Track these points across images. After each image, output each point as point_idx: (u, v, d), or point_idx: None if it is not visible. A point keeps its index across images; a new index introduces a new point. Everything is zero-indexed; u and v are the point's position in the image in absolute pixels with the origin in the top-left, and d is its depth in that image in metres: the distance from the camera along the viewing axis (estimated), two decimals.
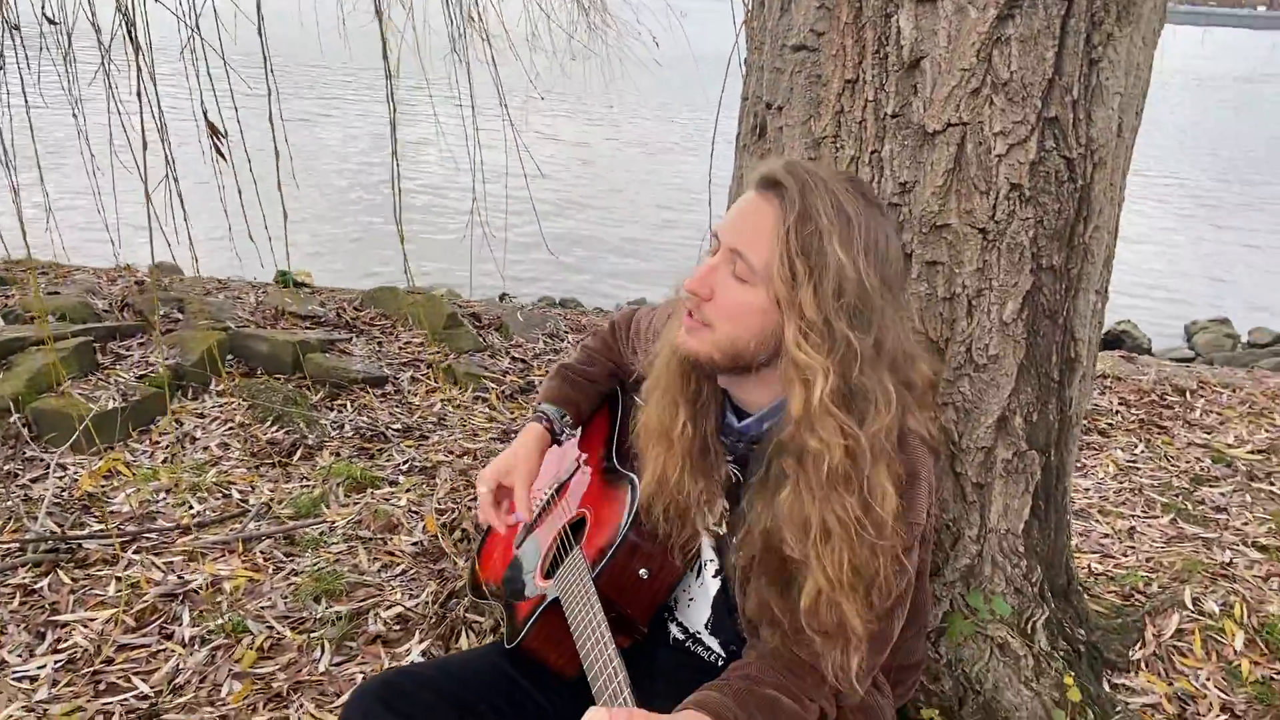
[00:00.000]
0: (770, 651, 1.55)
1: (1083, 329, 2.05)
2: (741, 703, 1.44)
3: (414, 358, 4.56)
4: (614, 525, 1.78)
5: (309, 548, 2.93)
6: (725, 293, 1.46)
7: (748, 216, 1.45)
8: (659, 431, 1.64)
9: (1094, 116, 1.86)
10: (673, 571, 1.74)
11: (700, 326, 1.50)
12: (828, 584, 1.44)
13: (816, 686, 1.52)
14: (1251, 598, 2.98)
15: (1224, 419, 4.64)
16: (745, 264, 1.43)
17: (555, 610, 1.75)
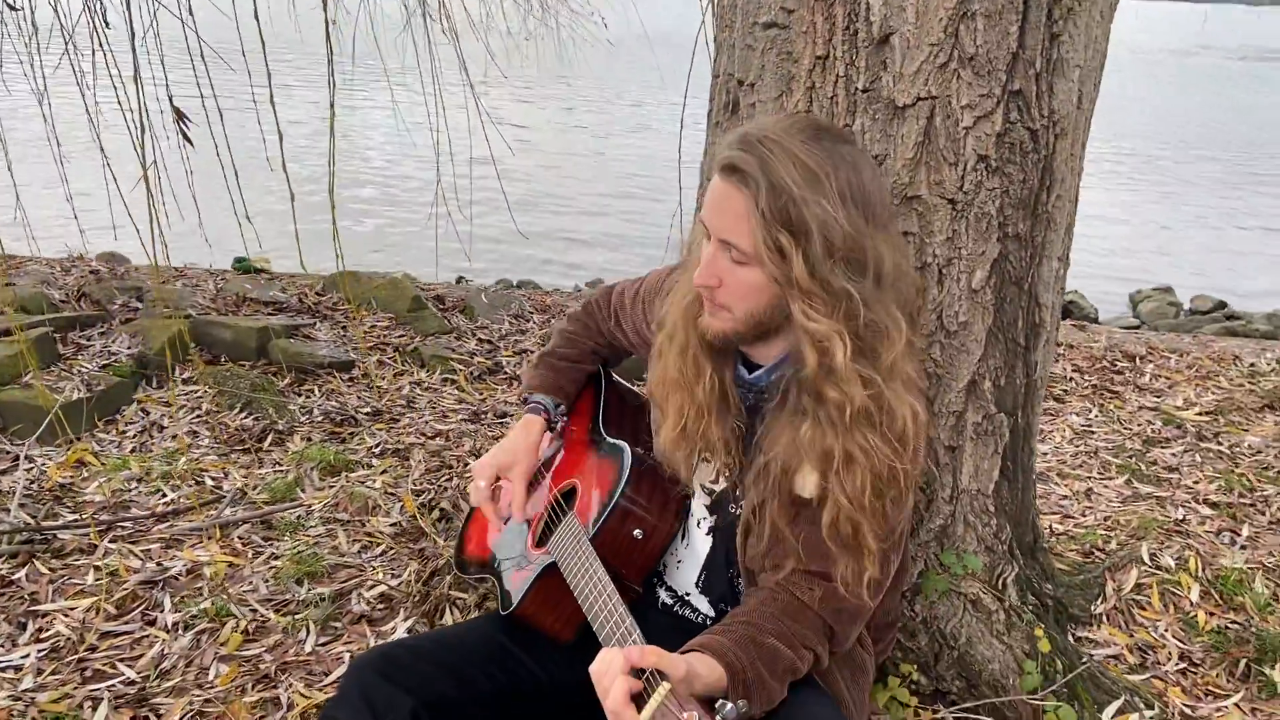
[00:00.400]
0: (771, 593, 1.61)
1: (1046, 295, 2.12)
2: (744, 647, 1.50)
3: (380, 341, 4.56)
4: (607, 490, 1.84)
5: (287, 531, 2.94)
6: (731, 277, 1.53)
7: (723, 205, 1.50)
8: (680, 383, 1.70)
9: (1055, 89, 1.93)
10: (665, 532, 1.80)
11: (720, 309, 1.57)
12: (848, 504, 1.53)
13: (815, 630, 1.59)
14: (1205, 552, 3.10)
15: (1172, 383, 4.79)
16: (737, 250, 1.49)
17: (551, 574, 1.81)
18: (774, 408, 1.62)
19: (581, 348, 2.14)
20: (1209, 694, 2.51)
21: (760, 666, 1.49)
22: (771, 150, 1.46)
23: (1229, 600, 2.88)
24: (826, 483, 1.54)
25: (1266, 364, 5.06)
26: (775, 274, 1.48)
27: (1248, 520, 3.38)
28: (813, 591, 1.59)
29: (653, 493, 1.82)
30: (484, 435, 3.66)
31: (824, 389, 1.51)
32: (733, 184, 1.47)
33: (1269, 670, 2.57)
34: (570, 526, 1.83)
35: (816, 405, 1.53)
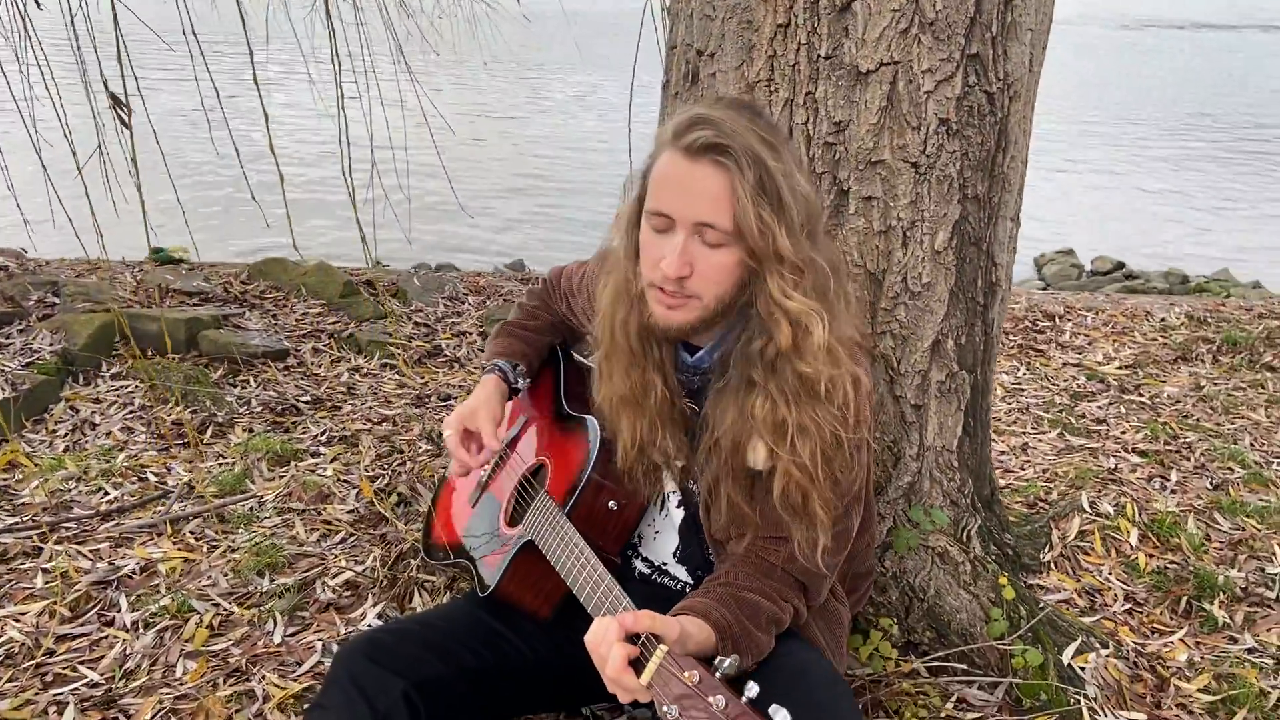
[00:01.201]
0: (742, 558, 1.65)
1: (1001, 254, 2.19)
2: (726, 605, 1.54)
3: (313, 328, 4.47)
4: (578, 465, 1.85)
5: (241, 524, 2.88)
6: (704, 262, 1.51)
7: (695, 187, 1.47)
8: (630, 400, 1.70)
9: (1009, 52, 1.99)
10: (639, 503, 1.83)
11: (686, 300, 1.55)
12: (798, 473, 1.56)
13: (789, 586, 1.64)
14: (1139, 498, 3.24)
15: (1091, 340, 4.98)
16: (716, 232, 1.47)
17: (528, 552, 1.82)
18: (718, 385, 1.64)
19: (541, 320, 2.15)
20: (1155, 631, 2.64)
21: (745, 620, 1.53)
22: (732, 124, 1.47)
23: (1166, 542, 3.02)
24: (777, 453, 1.57)
25: (1175, 318, 5.29)
26: (756, 249, 1.47)
27: (1175, 466, 3.54)
28: (778, 553, 1.64)
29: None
30: (431, 419, 3.63)
31: (795, 365, 1.52)
32: (708, 163, 1.45)
33: (1209, 606, 2.70)
34: (543, 503, 1.84)
35: (769, 377, 1.55)
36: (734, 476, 1.63)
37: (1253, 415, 4.06)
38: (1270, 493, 3.39)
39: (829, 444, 1.56)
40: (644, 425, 1.68)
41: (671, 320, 1.57)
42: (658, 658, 1.35)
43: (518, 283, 5.44)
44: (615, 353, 1.67)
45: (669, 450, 1.71)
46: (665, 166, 1.51)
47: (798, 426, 1.55)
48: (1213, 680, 2.40)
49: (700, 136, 1.46)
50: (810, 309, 1.51)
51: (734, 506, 1.65)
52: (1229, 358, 4.75)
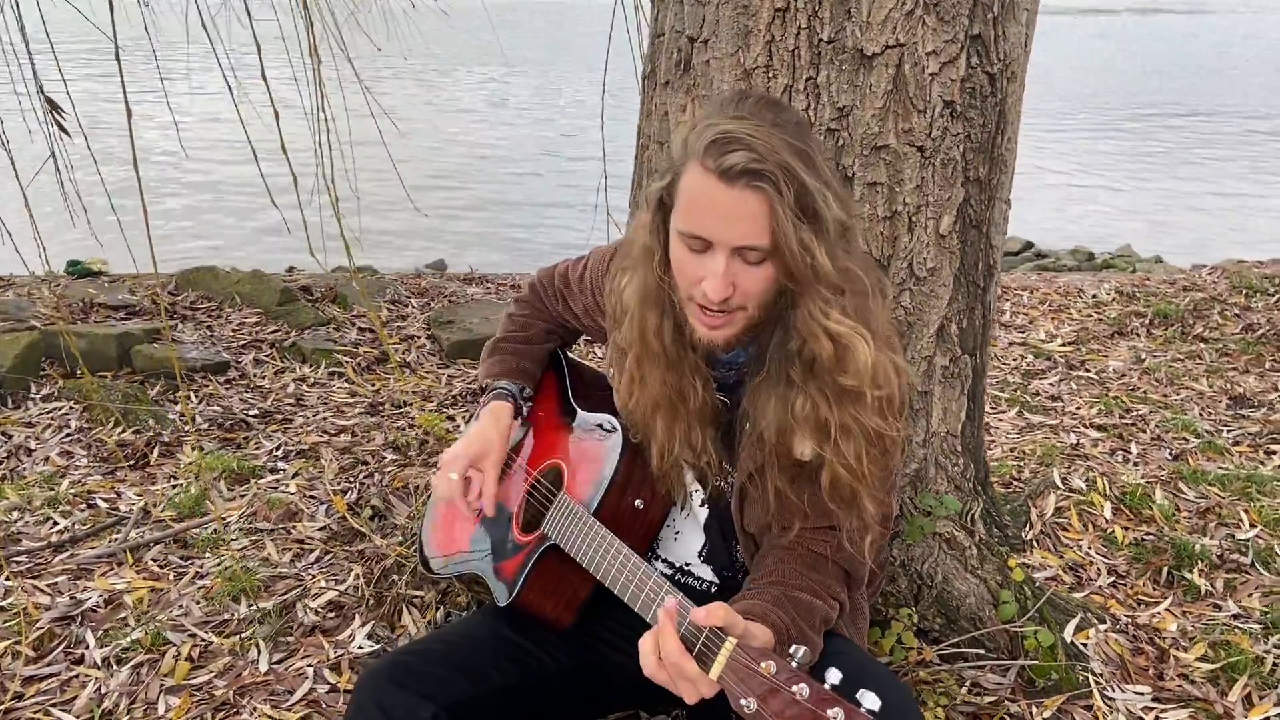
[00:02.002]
0: (788, 551, 1.61)
1: (997, 236, 2.19)
2: (782, 606, 1.51)
3: (252, 339, 4.29)
4: (599, 464, 1.79)
5: (206, 548, 2.73)
6: (746, 279, 1.46)
7: (737, 212, 1.41)
8: (667, 404, 1.64)
9: (1008, 33, 1.98)
10: (664, 500, 1.78)
11: (730, 316, 1.50)
12: (846, 473, 1.53)
13: (836, 579, 1.61)
14: (1106, 472, 3.30)
15: (1031, 318, 5.08)
16: (757, 252, 1.42)
17: (551, 557, 1.76)
18: (756, 380, 1.59)
19: (534, 329, 2.07)
20: (1140, 603, 2.68)
21: (800, 622, 1.50)
22: (764, 140, 1.39)
23: (1138, 514, 3.08)
24: (823, 449, 1.54)
25: (1106, 294, 5.43)
26: (797, 272, 1.42)
27: (1133, 439, 3.62)
28: (827, 543, 1.61)
29: (647, 463, 1.78)
30: (392, 427, 3.51)
31: (838, 378, 1.49)
32: (745, 188, 1.38)
33: (1189, 574, 2.76)
34: (565, 506, 1.77)
35: (808, 379, 1.51)
36: (779, 466, 1.59)
37: (1195, 386, 4.18)
38: (1227, 460, 3.49)
39: (873, 441, 1.53)
40: (681, 428, 1.63)
41: (716, 338, 1.53)
42: (728, 649, 1.30)
43: (460, 284, 5.32)
44: (649, 357, 1.61)
45: (706, 450, 1.66)
46: (698, 188, 1.43)
47: (840, 427, 1.51)
48: (1208, 649, 2.45)
49: (735, 162, 1.38)
50: (853, 330, 1.47)
51: (781, 497, 1.60)
52: (1162, 330, 4.89)
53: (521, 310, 2.09)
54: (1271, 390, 4.13)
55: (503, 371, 2.00)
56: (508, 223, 9.39)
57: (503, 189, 10.65)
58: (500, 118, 14.61)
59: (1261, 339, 4.73)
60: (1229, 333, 4.83)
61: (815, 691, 1.21)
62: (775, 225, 1.39)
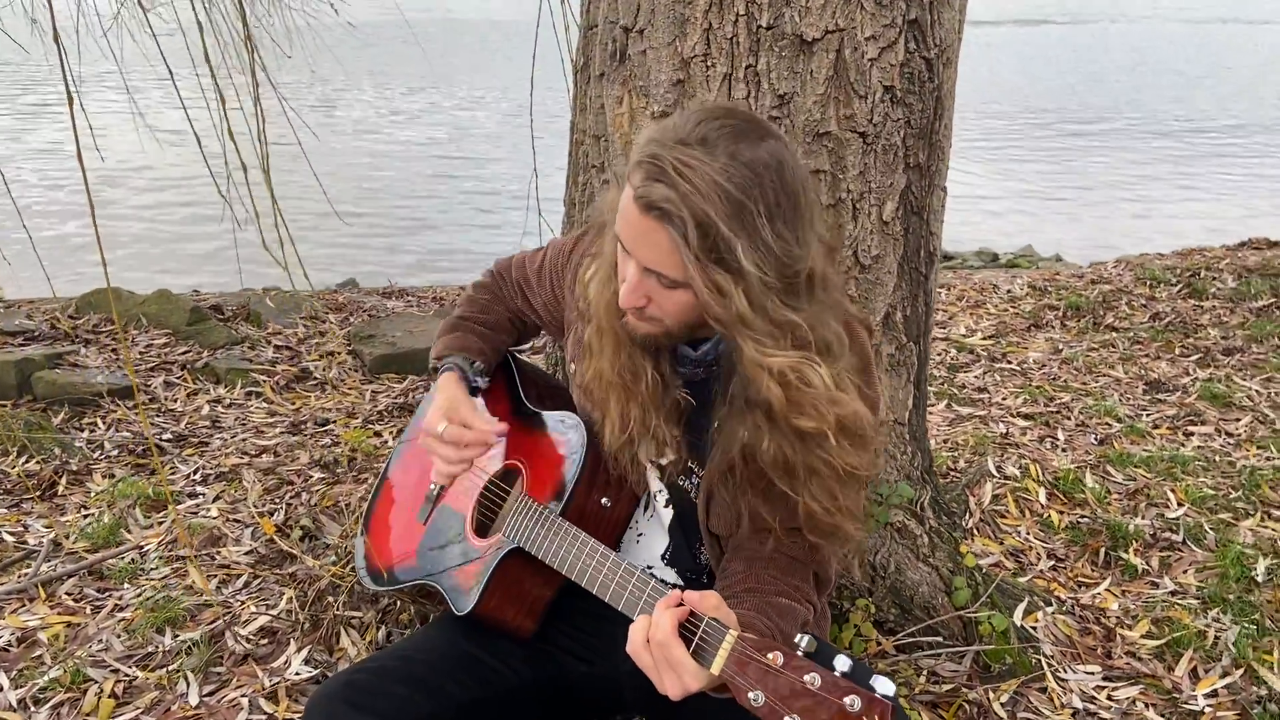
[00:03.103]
0: (757, 555, 1.56)
1: (936, 223, 2.19)
2: (762, 612, 1.46)
3: (162, 360, 4.10)
4: (562, 462, 1.72)
5: (125, 579, 2.57)
6: (661, 298, 1.41)
7: (646, 238, 1.35)
8: (618, 383, 1.58)
9: (942, 19, 1.98)
10: (631, 497, 1.72)
11: (649, 320, 1.46)
12: (821, 509, 1.47)
13: (807, 582, 1.57)
14: (1037, 458, 3.35)
15: (951, 314, 5.16)
16: (665, 277, 1.37)
17: (513, 560, 1.69)
18: (722, 407, 1.52)
19: (496, 315, 1.95)
20: (1081, 584, 2.71)
21: (783, 627, 1.45)
22: (689, 180, 1.30)
23: (1072, 498, 3.13)
24: (794, 490, 1.48)
25: (1020, 289, 5.55)
26: (717, 316, 1.34)
27: (1059, 426, 3.69)
28: (799, 546, 1.56)
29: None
30: (318, 445, 3.37)
31: (794, 421, 1.40)
32: (653, 220, 1.32)
33: (1125, 554, 2.81)
34: (526, 507, 1.70)
35: (769, 424, 1.43)
36: (752, 486, 1.54)
37: (1112, 373, 4.28)
38: (1149, 442, 3.57)
39: (844, 479, 1.46)
40: (634, 409, 1.56)
41: (638, 330, 1.48)
42: (730, 641, 1.24)
43: (379, 298, 5.18)
44: (604, 333, 1.55)
45: (661, 437, 1.59)
46: (625, 199, 1.37)
47: (807, 469, 1.45)
48: (1152, 625, 2.48)
49: (646, 194, 1.31)
50: (800, 361, 1.37)
51: (751, 502, 1.55)
52: (1075, 322, 5.01)
53: (482, 294, 1.98)
54: (1184, 375, 4.26)
55: (459, 347, 1.88)
56: (425, 238, 9.23)
57: (414, 204, 10.47)
58: (405, 135, 14.39)
59: (1169, 326, 4.89)
60: (1138, 322, 4.98)
61: (827, 679, 1.16)
62: (684, 266, 1.32)
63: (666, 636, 1.26)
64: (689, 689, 1.27)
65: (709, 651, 1.25)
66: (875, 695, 1.12)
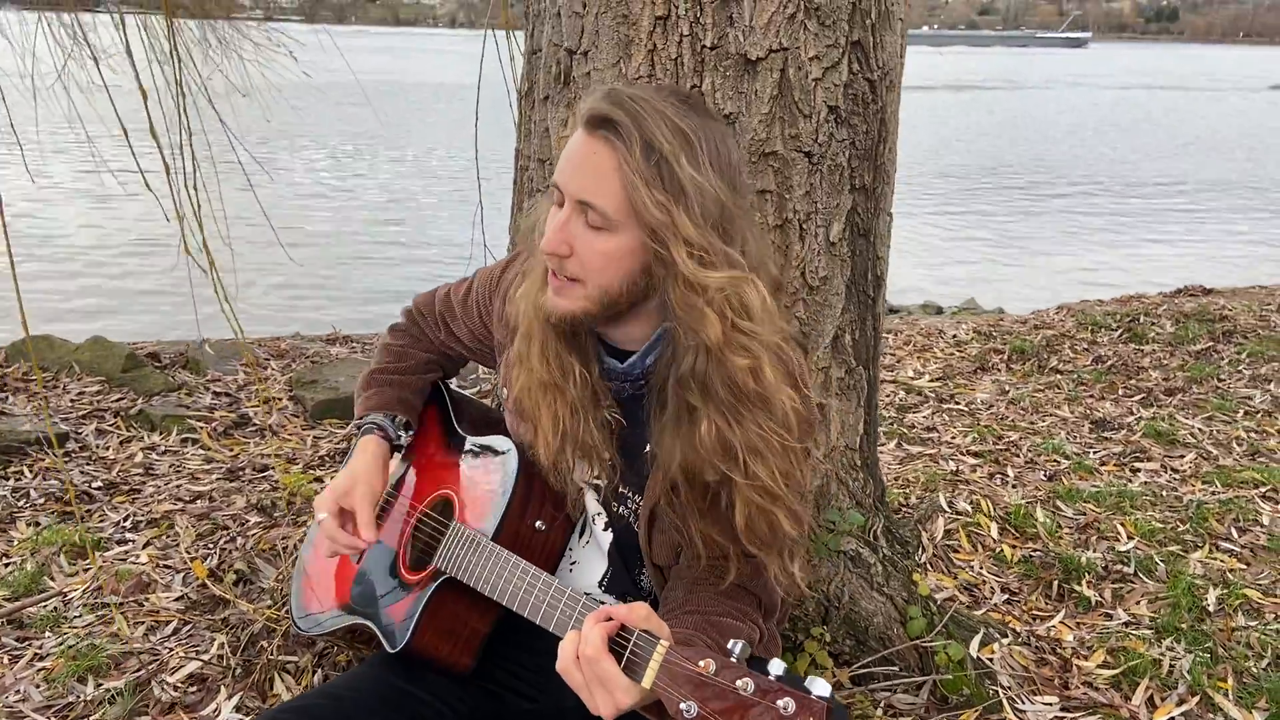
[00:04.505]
0: (699, 581, 1.52)
1: (883, 247, 2.18)
2: (703, 629, 1.43)
3: (94, 408, 3.96)
4: (496, 487, 1.67)
5: (46, 626, 2.44)
6: (585, 246, 1.38)
7: (586, 161, 1.36)
8: (549, 384, 1.53)
9: (885, 42, 1.99)
10: (565, 521, 1.68)
11: (568, 284, 1.42)
12: (760, 497, 1.43)
13: (751, 606, 1.54)
14: (988, 494, 3.34)
15: (899, 358, 5.18)
16: (597, 213, 1.35)
17: (446, 592, 1.64)
18: (657, 415, 1.49)
19: (414, 359, 1.91)
20: (1036, 617, 2.68)
21: (724, 644, 1.40)
22: (643, 108, 1.35)
23: (1023, 532, 3.11)
24: (734, 475, 1.45)
25: (965, 334, 5.60)
26: (656, 227, 1.33)
27: (1009, 463, 3.69)
28: (743, 570, 1.52)
29: (545, 485, 1.67)
30: (255, 491, 3.26)
31: (731, 359, 1.37)
32: (600, 138, 1.34)
33: (1078, 587, 2.79)
34: (459, 536, 1.64)
35: (706, 399, 1.40)
36: (691, 496, 1.49)
37: (1059, 413, 4.31)
38: (1097, 479, 3.58)
39: (781, 455, 1.42)
40: (565, 413, 1.51)
41: (558, 305, 1.43)
42: (659, 653, 1.19)
43: (323, 344, 5.09)
44: (532, 333, 1.51)
45: (593, 443, 1.54)
46: (570, 139, 1.41)
47: (747, 448, 1.41)
48: (1107, 655, 2.46)
49: (598, 108, 1.35)
50: (737, 277, 1.36)
51: (691, 528, 1.50)
52: (1020, 365, 5.06)
53: (398, 340, 1.94)
54: (1128, 414, 4.30)
55: (379, 404, 1.85)
56: (366, 285, 9.15)
57: (358, 254, 10.40)
58: (345, 188, 14.34)
59: (1111, 369, 4.95)
60: (1081, 364, 5.03)
61: (761, 684, 1.11)
62: (624, 182, 1.32)
63: (596, 651, 1.21)
64: (621, 706, 1.22)
65: (640, 665, 1.20)
66: (810, 696, 1.08)
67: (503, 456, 1.70)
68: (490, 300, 1.76)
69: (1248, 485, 3.52)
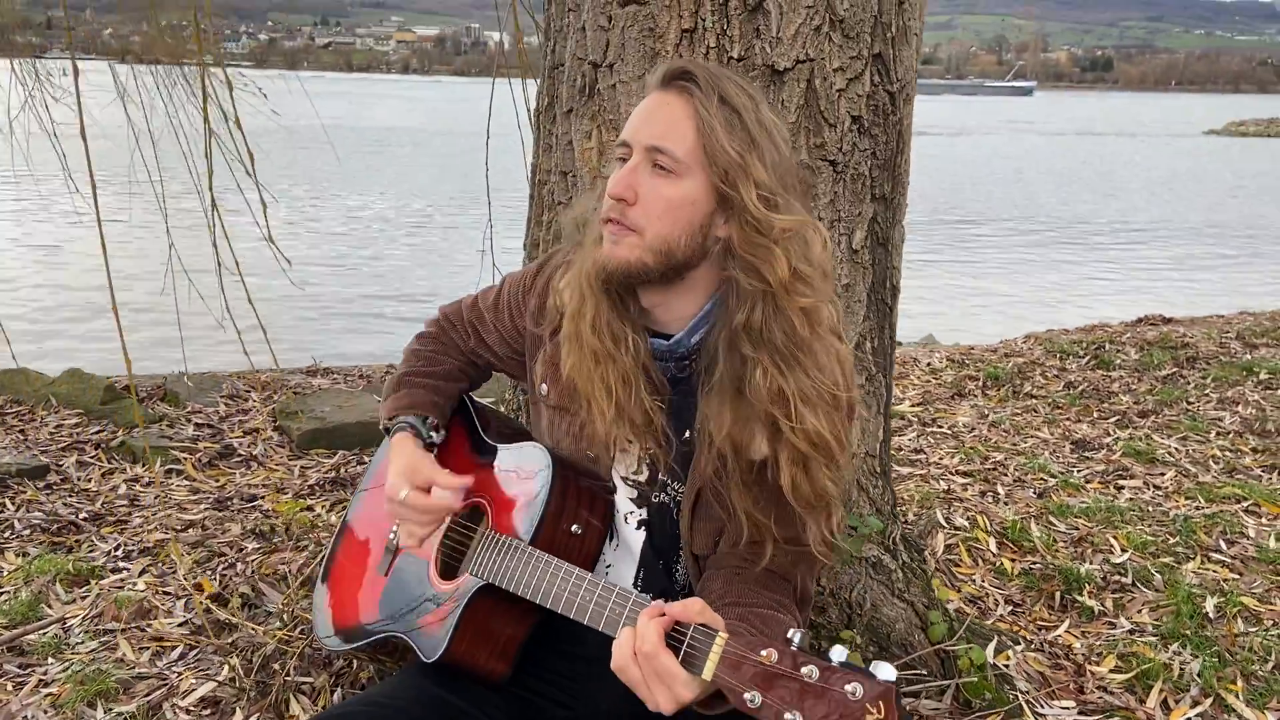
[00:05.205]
0: (736, 572, 1.53)
1: (898, 258, 2.23)
2: (749, 623, 1.43)
3: (74, 440, 3.88)
4: (529, 493, 1.66)
5: (48, 653, 2.38)
6: (650, 191, 1.43)
7: (659, 110, 1.44)
8: (601, 353, 1.54)
9: (902, 55, 2.05)
10: (599, 526, 1.66)
11: (628, 232, 1.45)
12: (807, 447, 1.45)
13: (788, 596, 1.55)
14: (982, 510, 3.38)
15: None
16: (668, 156, 1.41)
17: (482, 599, 1.62)
18: (704, 385, 1.53)
19: (444, 365, 1.90)
20: (1041, 627, 2.72)
21: (769, 635, 1.41)
22: (713, 70, 1.46)
23: (1021, 546, 3.15)
24: (780, 435, 1.48)
25: (939, 362, 5.69)
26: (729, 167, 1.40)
27: (998, 481, 3.75)
28: (778, 558, 1.54)
29: (579, 488, 1.67)
30: (249, 517, 3.21)
31: (795, 300, 1.42)
32: (675, 89, 1.43)
33: (1080, 597, 2.83)
34: (494, 542, 1.63)
35: (760, 347, 1.44)
36: (740, 478, 1.51)
37: (1039, 434, 4.39)
38: (1084, 495, 3.65)
39: (830, 405, 1.46)
40: (618, 382, 1.52)
41: (614, 255, 1.46)
42: (719, 644, 1.19)
43: (303, 375, 5.03)
44: (583, 309, 1.54)
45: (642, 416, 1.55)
46: (641, 103, 1.49)
47: (800, 395, 1.45)
48: (1118, 660, 2.49)
49: (672, 68, 1.45)
50: (802, 220, 1.44)
51: (738, 509, 1.52)
52: (995, 391, 5.14)
53: (427, 345, 1.92)
54: (1106, 435, 4.39)
55: (409, 405, 1.83)
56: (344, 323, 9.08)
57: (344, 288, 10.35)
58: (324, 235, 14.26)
59: (1083, 394, 5.05)
60: (1053, 390, 5.13)
61: (825, 670, 1.11)
62: (700, 125, 1.40)
63: (653, 647, 1.22)
64: (682, 700, 1.22)
65: (699, 658, 1.21)
66: (877, 679, 1.09)
67: (537, 462, 1.69)
68: (525, 300, 1.77)
69: (1230, 500, 3.61)
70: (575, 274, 1.58)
